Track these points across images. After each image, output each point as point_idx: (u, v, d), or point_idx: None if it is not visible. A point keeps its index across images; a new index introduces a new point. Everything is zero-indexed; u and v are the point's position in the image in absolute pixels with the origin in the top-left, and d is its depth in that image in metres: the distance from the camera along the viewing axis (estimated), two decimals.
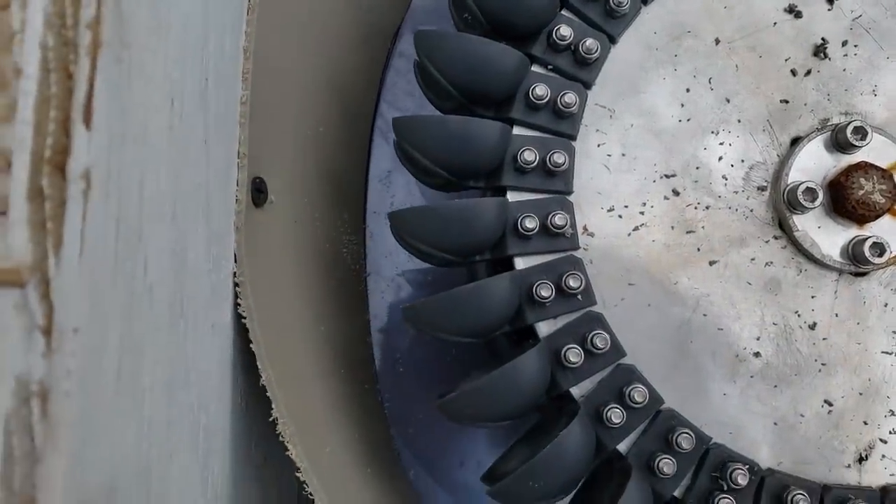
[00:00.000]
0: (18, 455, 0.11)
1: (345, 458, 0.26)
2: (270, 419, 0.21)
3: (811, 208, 0.27)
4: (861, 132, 0.27)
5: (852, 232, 0.27)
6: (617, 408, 0.25)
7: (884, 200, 0.27)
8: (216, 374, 0.21)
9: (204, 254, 0.19)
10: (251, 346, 0.22)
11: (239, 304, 0.22)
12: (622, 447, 0.26)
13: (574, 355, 0.25)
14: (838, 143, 0.28)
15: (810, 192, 0.27)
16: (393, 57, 0.38)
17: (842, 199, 0.27)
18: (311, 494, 0.21)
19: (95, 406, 0.12)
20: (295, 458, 0.21)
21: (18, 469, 0.11)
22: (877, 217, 0.27)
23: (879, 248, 0.27)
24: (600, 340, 0.25)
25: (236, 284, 0.22)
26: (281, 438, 0.21)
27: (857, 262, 0.27)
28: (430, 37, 0.27)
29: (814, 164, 0.28)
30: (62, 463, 0.12)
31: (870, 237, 0.27)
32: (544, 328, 0.26)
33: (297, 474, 0.21)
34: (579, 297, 0.26)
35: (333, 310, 0.31)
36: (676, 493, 0.25)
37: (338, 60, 0.34)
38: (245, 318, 0.22)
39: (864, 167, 0.27)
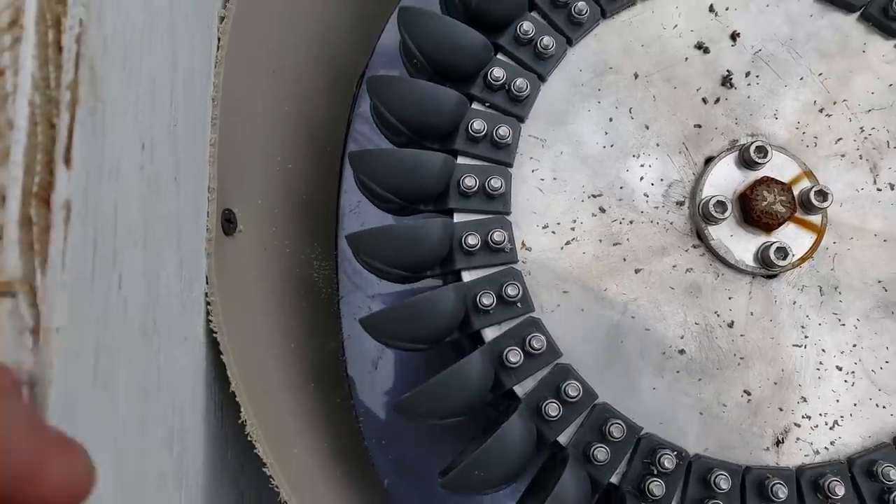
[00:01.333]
0: None
1: (311, 459, 0.29)
2: (240, 421, 0.24)
3: (723, 219, 0.30)
4: (763, 150, 0.31)
5: (761, 239, 0.31)
6: (554, 402, 0.28)
7: (784, 210, 0.30)
8: (189, 382, 0.23)
9: (175, 274, 0.22)
10: (222, 357, 0.25)
11: (211, 321, 0.25)
12: (562, 439, 0.28)
13: (514, 356, 0.28)
14: (745, 161, 0.31)
15: (721, 205, 0.30)
16: (359, 98, 0.42)
17: (749, 210, 0.30)
18: (283, 501, 0.24)
19: (74, 394, 0.15)
20: (262, 455, 0.24)
21: None
22: (780, 225, 0.30)
23: (783, 252, 0.30)
24: (537, 342, 0.28)
25: (208, 303, 0.25)
26: (249, 438, 0.24)
27: (766, 265, 0.30)
28: (380, 82, 0.31)
29: (725, 180, 0.31)
30: None
31: (775, 243, 0.30)
32: (489, 333, 0.29)
33: (264, 469, 0.24)
34: (518, 304, 0.29)
35: (304, 329, 0.34)
36: (613, 480, 0.28)
37: (307, 101, 0.37)
38: (216, 332, 0.25)
39: (767, 181, 0.31)
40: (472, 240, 0.29)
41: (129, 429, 0.18)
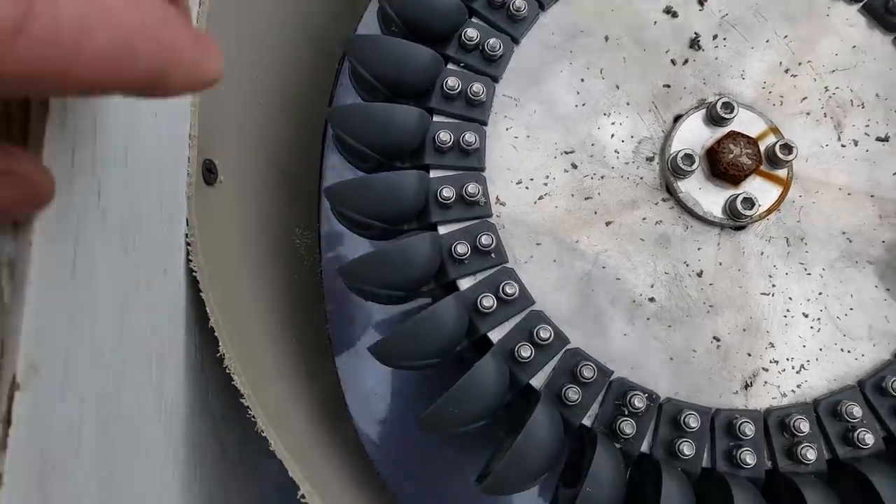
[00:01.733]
0: None
1: (290, 398, 0.30)
2: (218, 354, 0.25)
3: (691, 172, 0.31)
4: (729, 107, 0.32)
5: (729, 192, 0.32)
6: (527, 345, 0.29)
7: (750, 162, 0.31)
8: (168, 314, 0.24)
9: (156, 203, 0.23)
10: (201, 294, 0.26)
11: (191, 260, 0.26)
12: (535, 382, 0.29)
13: (488, 301, 0.29)
14: (712, 118, 0.32)
15: (689, 158, 0.31)
16: (341, 73, 0.43)
17: (716, 163, 0.31)
18: (261, 431, 0.24)
19: (53, 280, 0.16)
20: (239, 387, 0.25)
21: None
22: (746, 177, 0.31)
23: (750, 203, 0.31)
24: (510, 288, 0.29)
25: (188, 243, 0.26)
26: (227, 370, 0.25)
27: (734, 216, 0.31)
28: (357, 40, 0.32)
29: (693, 136, 0.32)
30: (27, 313, 0.15)
31: (742, 194, 0.31)
32: (464, 284, 0.30)
33: (241, 400, 0.25)
34: (492, 254, 0.30)
35: (286, 291, 0.35)
36: (585, 421, 0.29)
37: (290, 69, 0.38)
38: (196, 271, 0.26)
39: (734, 135, 0.32)
40: (447, 192, 0.30)
41: (107, 333, 0.19)
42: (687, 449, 0.28)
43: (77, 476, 0.17)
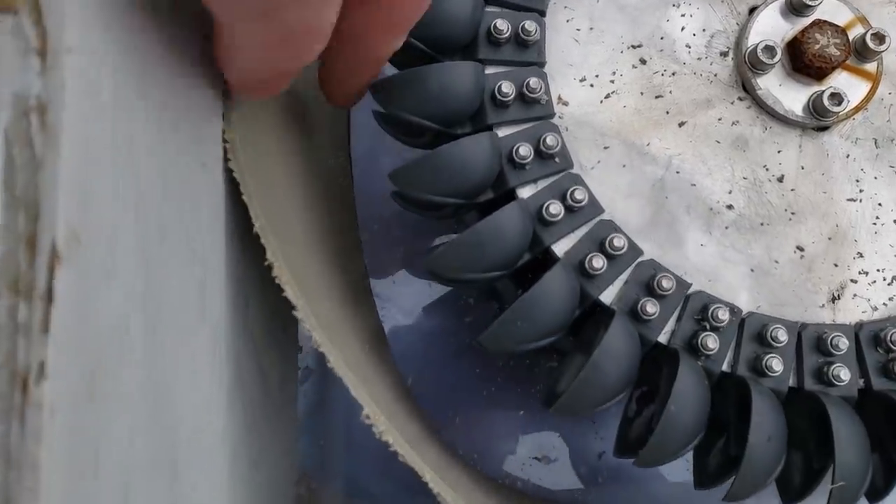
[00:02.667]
0: (20, 163, 0.12)
1: (337, 318, 0.27)
2: (266, 264, 0.22)
3: (771, 65, 0.28)
4: None
5: (812, 88, 0.29)
6: (598, 255, 0.26)
7: (839, 53, 0.28)
8: (209, 215, 0.21)
9: (193, 80, 0.20)
10: (242, 197, 0.23)
11: (229, 159, 0.23)
12: (606, 297, 0.27)
13: (555, 208, 0.26)
14: (793, 7, 0.29)
15: (769, 50, 0.28)
16: None
17: (799, 55, 0.28)
18: (309, 330, 0.22)
19: (91, 134, 0.13)
20: (291, 299, 0.22)
21: (20, 176, 0.12)
22: (833, 69, 0.28)
23: (838, 98, 0.28)
24: (580, 194, 0.26)
25: (226, 141, 0.23)
26: (276, 280, 0.22)
27: (818, 115, 0.28)
28: None
29: (771, 28, 0.29)
30: (63, 169, 0.12)
31: (828, 89, 0.28)
32: (525, 192, 0.27)
33: (294, 313, 0.22)
34: (557, 159, 0.27)
35: (325, 206, 0.32)
36: (661, 339, 0.27)
37: None
38: (234, 172, 0.23)
39: (820, 24, 0.28)
40: (506, 88, 0.27)
41: (150, 218, 0.16)
42: (776, 365, 0.25)
43: (127, 380, 0.15)
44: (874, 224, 0.28)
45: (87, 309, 0.13)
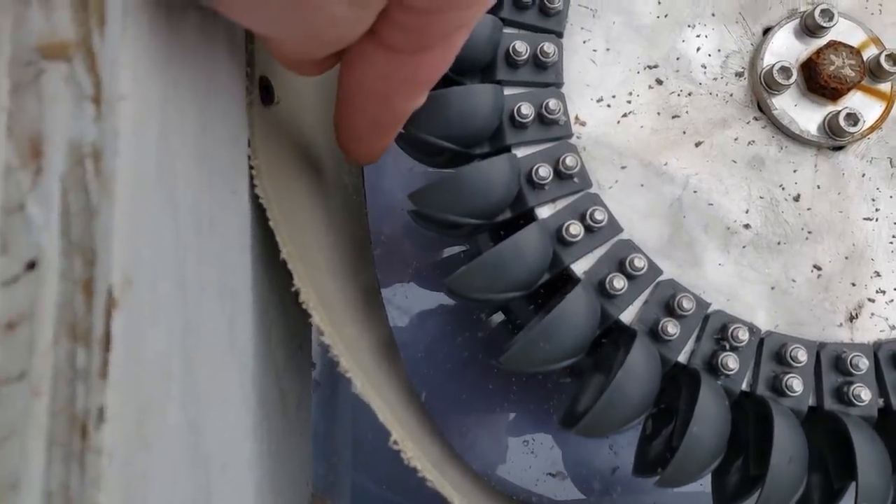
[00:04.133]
0: (75, 210, 0.12)
1: (360, 342, 0.27)
2: (293, 290, 0.22)
3: (786, 86, 0.29)
4: (828, 14, 0.29)
5: (827, 108, 0.29)
6: (619, 275, 0.26)
7: (854, 74, 0.28)
8: (237, 243, 0.21)
9: (222, 112, 0.20)
10: (269, 223, 0.23)
11: (255, 185, 0.23)
12: (626, 317, 0.27)
13: (575, 228, 0.26)
14: (807, 28, 0.30)
15: (785, 71, 0.28)
16: None
17: (815, 76, 0.29)
18: (337, 356, 0.22)
19: (140, 178, 0.13)
20: (319, 324, 0.22)
21: (76, 222, 0.12)
22: (848, 90, 0.29)
23: (854, 118, 0.28)
24: (600, 214, 0.26)
25: (251, 167, 0.23)
26: (304, 306, 0.22)
27: (833, 135, 0.29)
28: None
29: (786, 48, 0.30)
30: (118, 214, 0.12)
31: (843, 109, 0.28)
32: (544, 212, 0.27)
33: (322, 338, 0.22)
34: (575, 179, 0.27)
35: (343, 226, 0.32)
36: (681, 359, 0.27)
37: None
38: (261, 198, 0.23)
39: (834, 45, 0.29)
40: (526, 109, 0.27)
41: (187, 253, 0.16)
42: (796, 385, 0.26)
43: (170, 419, 0.15)
44: (891, 243, 0.29)
45: (137, 351, 0.13)
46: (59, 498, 0.11)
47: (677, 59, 0.30)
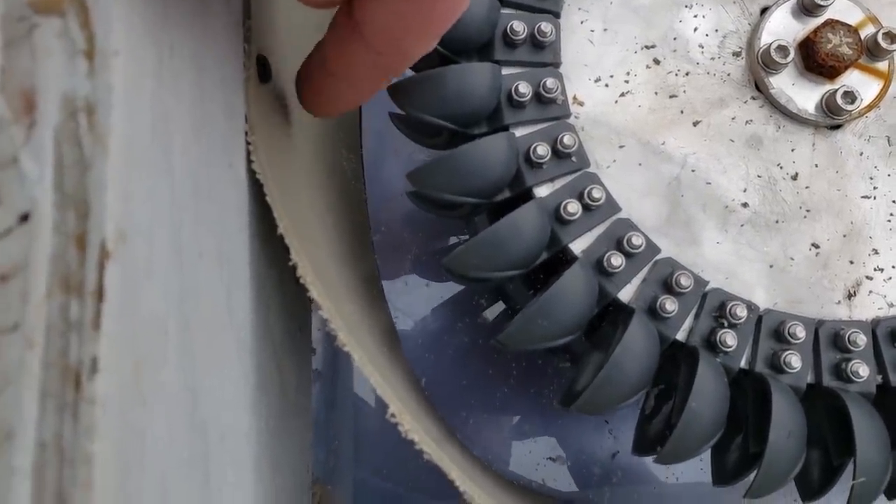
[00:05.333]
0: (68, 163, 0.12)
1: (358, 321, 0.27)
2: (290, 264, 0.22)
3: (784, 65, 0.29)
4: None
5: (825, 87, 0.29)
6: (617, 253, 0.26)
7: (851, 52, 0.28)
8: (235, 216, 0.22)
9: (220, 84, 0.20)
10: (266, 199, 0.23)
11: (252, 160, 0.23)
12: (624, 295, 0.27)
13: (573, 207, 0.26)
14: (805, 7, 0.29)
15: (782, 50, 0.28)
16: None
17: (812, 55, 0.29)
18: (335, 331, 0.22)
19: (135, 135, 0.13)
20: (317, 299, 0.22)
21: (69, 175, 0.12)
22: (846, 69, 0.29)
23: (851, 97, 0.28)
24: (597, 193, 0.26)
25: (248, 143, 0.23)
26: (301, 280, 0.22)
27: (831, 113, 0.29)
28: None
29: (783, 28, 0.30)
30: (111, 168, 0.13)
31: (841, 87, 0.28)
32: (542, 191, 0.27)
33: (320, 313, 0.22)
34: (573, 158, 0.27)
35: (341, 208, 0.32)
36: (680, 337, 0.27)
37: None
38: (258, 173, 0.23)
39: (832, 24, 0.29)
40: (524, 88, 0.27)
41: (183, 217, 0.16)
42: (795, 361, 0.26)
43: (166, 377, 0.15)
44: (889, 221, 0.28)
45: (132, 305, 0.13)
46: (53, 448, 0.11)
47: (674, 38, 0.30)
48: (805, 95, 0.29)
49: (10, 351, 0.12)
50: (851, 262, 0.28)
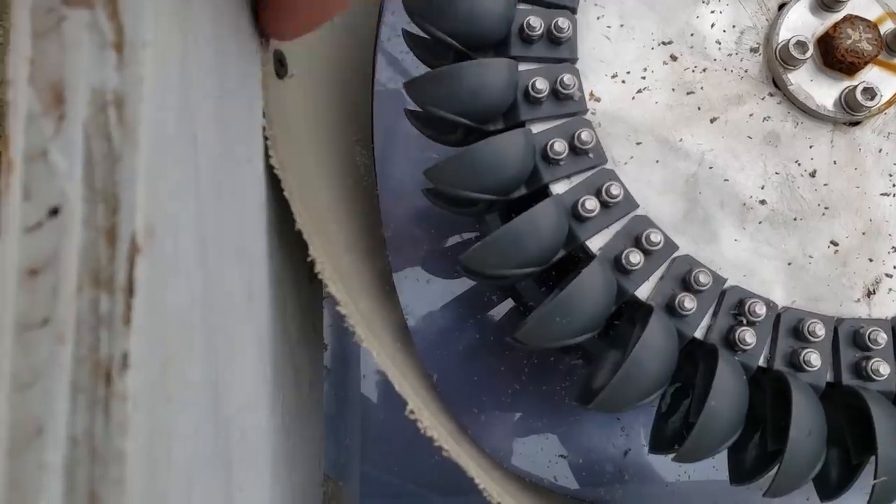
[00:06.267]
0: (98, 157, 0.12)
1: (375, 317, 0.27)
2: (308, 260, 0.22)
3: (802, 61, 0.28)
4: None
5: (844, 83, 0.29)
6: (635, 251, 0.26)
7: (871, 48, 0.28)
8: (254, 211, 0.21)
9: (239, 79, 0.20)
10: (284, 194, 0.23)
11: (270, 156, 0.23)
12: (642, 292, 0.26)
13: (591, 203, 0.26)
14: (823, 3, 0.29)
15: (801, 45, 0.28)
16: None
17: (831, 51, 0.28)
18: (353, 326, 0.22)
19: (163, 129, 0.13)
20: (335, 294, 0.22)
21: (99, 169, 0.12)
22: (865, 64, 0.28)
23: (871, 93, 0.28)
24: (616, 189, 0.26)
25: (266, 138, 0.23)
26: (319, 276, 0.22)
27: (850, 109, 0.28)
28: None
29: (802, 23, 0.29)
30: (141, 162, 0.12)
31: (860, 83, 0.28)
32: (560, 188, 0.27)
33: (338, 308, 0.22)
34: (591, 154, 0.27)
35: (355, 204, 0.32)
36: (698, 334, 0.26)
37: None
38: (276, 168, 0.23)
39: (851, 19, 0.28)
40: (541, 84, 0.27)
41: (207, 211, 0.16)
42: (814, 359, 0.25)
43: (191, 373, 0.15)
44: None
45: (160, 300, 0.13)
46: (84, 445, 0.11)
47: (692, 35, 0.29)
48: (824, 92, 0.29)
49: (41, 346, 0.11)
50: (871, 260, 0.28)
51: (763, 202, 0.28)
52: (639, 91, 0.29)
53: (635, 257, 0.26)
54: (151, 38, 0.13)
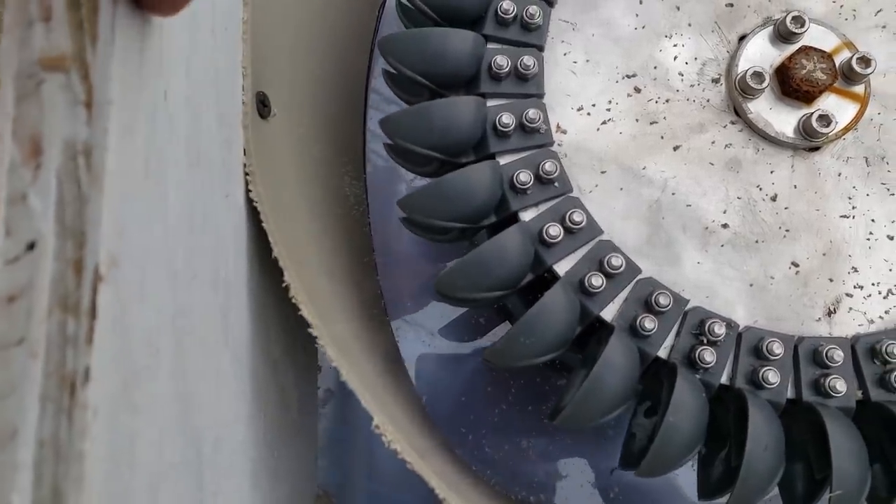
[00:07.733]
0: (68, 199, 0.14)
1: (351, 338, 0.29)
2: (283, 286, 0.24)
3: (760, 90, 0.30)
4: (799, 21, 0.30)
5: (802, 111, 0.30)
6: (598, 274, 0.27)
7: (825, 77, 0.29)
8: (232, 241, 0.23)
9: (216, 120, 0.22)
10: (263, 224, 0.25)
11: (250, 190, 0.25)
12: (607, 314, 0.28)
13: (554, 230, 0.28)
14: (780, 35, 0.31)
15: (758, 76, 0.30)
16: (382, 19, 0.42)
17: (787, 80, 0.30)
18: (323, 346, 0.23)
19: (127, 172, 0.15)
20: (307, 317, 0.24)
21: (69, 209, 0.14)
22: (820, 93, 0.30)
23: (826, 120, 0.29)
24: (578, 216, 0.28)
25: (247, 174, 0.25)
26: (294, 300, 0.24)
27: (808, 136, 0.30)
28: None
29: (760, 55, 0.31)
30: (105, 203, 0.14)
31: (817, 111, 0.29)
32: (527, 216, 0.29)
33: (310, 330, 0.24)
34: (556, 183, 0.29)
35: (340, 233, 0.34)
36: (661, 354, 0.28)
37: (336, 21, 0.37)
38: (256, 202, 0.25)
39: (806, 50, 0.30)
40: (507, 119, 0.29)
41: (178, 244, 0.18)
42: (772, 377, 0.26)
43: (157, 389, 0.17)
44: (867, 239, 0.29)
45: (124, 324, 0.15)
46: (51, 446, 0.13)
47: (655, 67, 0.31)
48: (783, 119, 0.30)
49: (16, 362, 0.13)
50: (831, 280, 0.29)
51: (725, 226, 0.29)
52: (604, 122, 0.30)
53: (597, 280, 0.27)
54: (116, 97, 0.15)
